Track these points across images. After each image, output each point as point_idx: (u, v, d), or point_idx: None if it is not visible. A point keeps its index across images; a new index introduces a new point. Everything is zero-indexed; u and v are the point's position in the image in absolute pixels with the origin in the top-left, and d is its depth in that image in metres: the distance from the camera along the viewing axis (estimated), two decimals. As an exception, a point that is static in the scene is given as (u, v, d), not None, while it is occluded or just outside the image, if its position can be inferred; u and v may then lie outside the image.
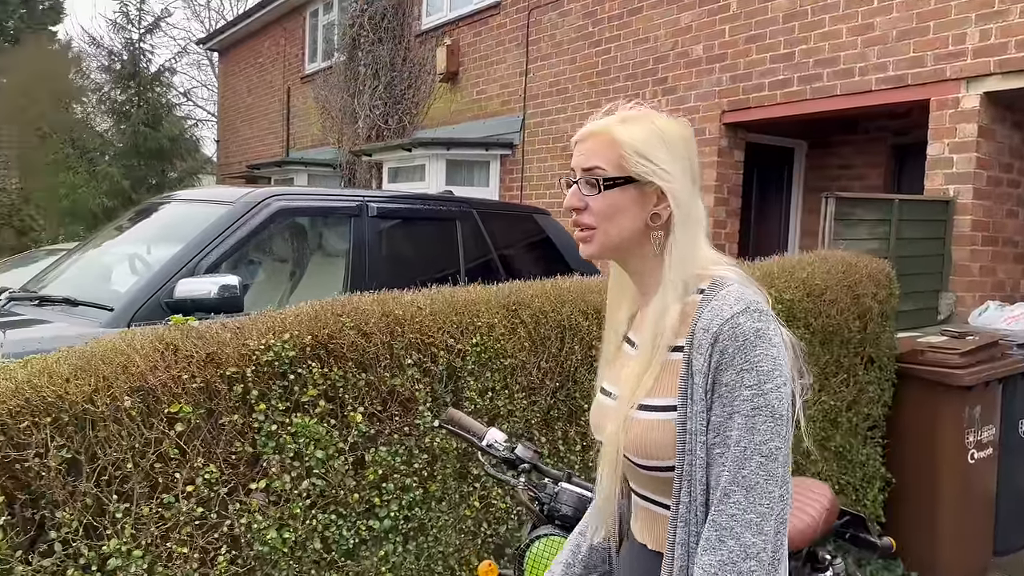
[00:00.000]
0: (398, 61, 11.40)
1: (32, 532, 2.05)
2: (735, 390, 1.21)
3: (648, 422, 1.29)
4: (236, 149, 18.00)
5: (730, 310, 1.23)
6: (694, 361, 1.24)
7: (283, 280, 4.76)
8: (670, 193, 1.32)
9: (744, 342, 1.21)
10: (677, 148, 1.35)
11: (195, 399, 2.24)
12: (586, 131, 1.39)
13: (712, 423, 1.23)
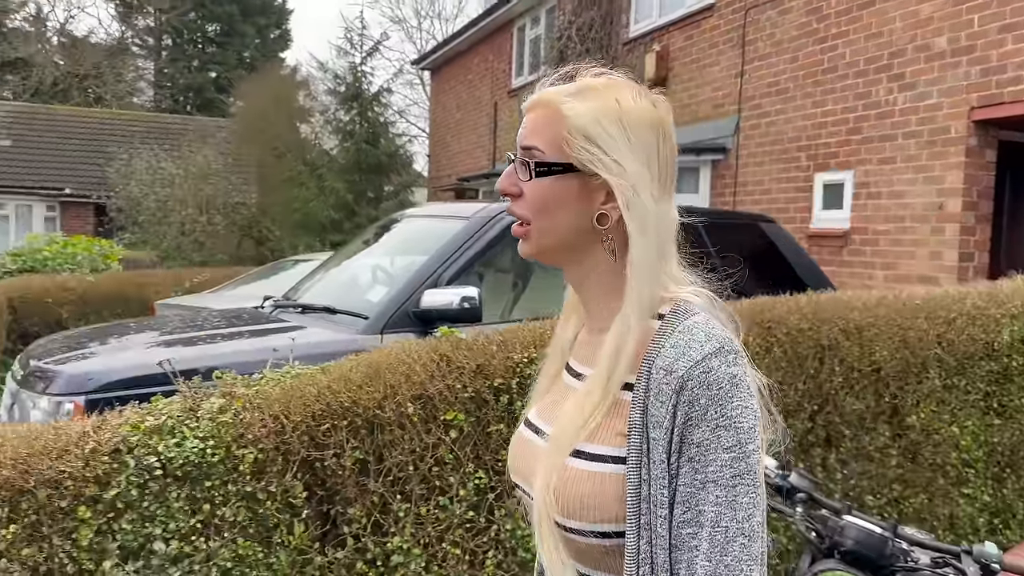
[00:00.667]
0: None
1: (326, 527, 2.24)
2: (710, 452, 0.96)
3: (581, 472, 1.02)
4: (446, 163, 18.91)
5: (700, 350, 0.98)
6: (651, 409, 0.98)
7: (505, 292, 4.91)
8: (617, 190, 1.05)
9: (719, 392, 0.97)
10: (639, 135, 1.06)
11: (466, 407, 2.35)
12: (533, 99, 1.11)
13: (680, 494, 0.97)
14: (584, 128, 1.05)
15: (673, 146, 1.10)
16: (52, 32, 32.40)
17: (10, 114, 22.60)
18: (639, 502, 0.97)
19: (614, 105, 1.06)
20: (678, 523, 0.96)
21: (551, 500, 1.02)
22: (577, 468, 1.03)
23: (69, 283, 8.95)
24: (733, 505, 0.94)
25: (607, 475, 1.01)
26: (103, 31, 34.04)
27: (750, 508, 0.95)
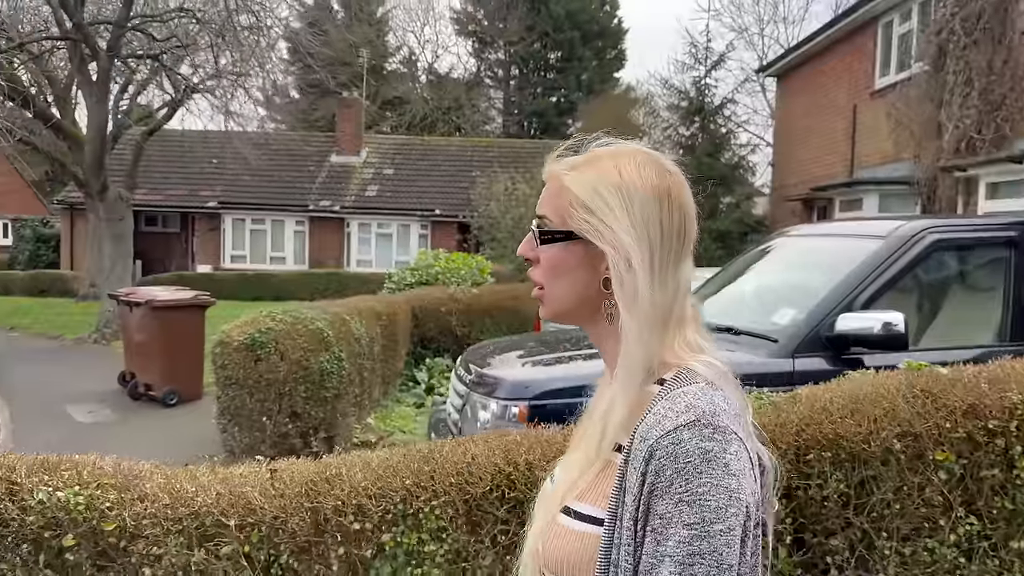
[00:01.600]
0: (997, 63, 10.14)
1: (807, 554, 2.26)
2: (670, 526, 0.93)
3: (568, 530, 1.04)
4: (790, 171, 18.13)
5: (673, 420, 0.96)
6: (628, 474, 0.98)
7: (926, 316, 4.55)
8: (610, 260, 1.05)
9: (686, 465, 0.93)
10: (639, 205, 1.05)
11: (956, 448, 2.23)
12: (545, 171, 1.15)
13: (642, 564, 0.94)
14: (582, 198, 1.07)
15: (685, 215, 1.08)
16: (421, 71, 37.03)
17: (393, 146, 26.27)
18: (608, 566, 0.97)
19: (614, 176, 1.07)
20: None
21: (539, 551, 1.05)
22: (564, 526, 1.04)
23: (457, 295, 10.12)
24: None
25: (589, 535, 1.01)
26: (462, 67, 38.03)
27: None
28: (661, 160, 1.12)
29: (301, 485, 2.28)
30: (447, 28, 42.73)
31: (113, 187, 12.76)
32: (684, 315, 1.09)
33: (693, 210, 1.12)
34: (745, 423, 1.03)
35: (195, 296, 8.81)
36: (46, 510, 2.26)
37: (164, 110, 15.30)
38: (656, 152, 1.13)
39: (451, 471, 2.30)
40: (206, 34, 12.62)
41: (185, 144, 21.84)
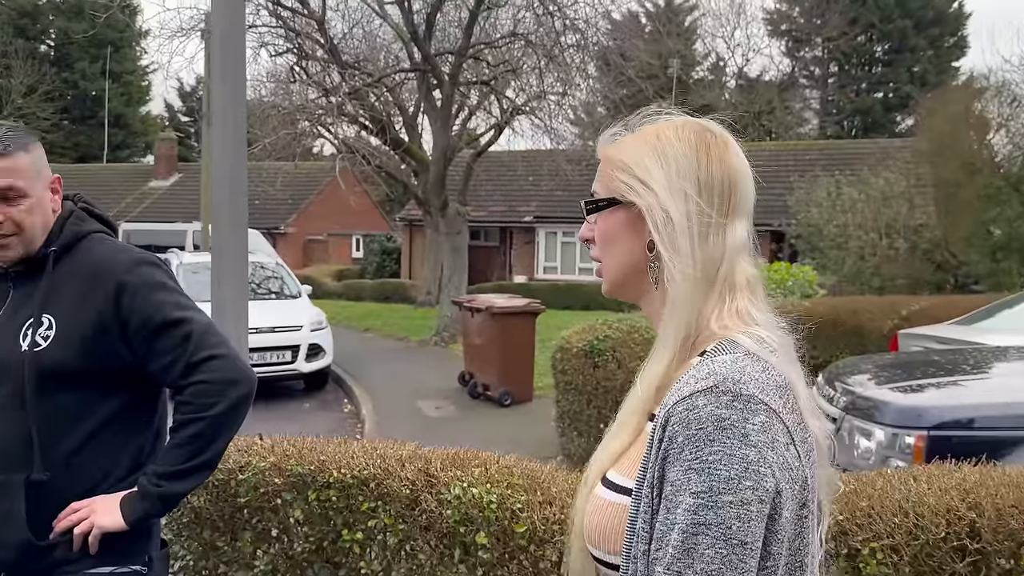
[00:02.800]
0: None
1: None
2: (679, 494, 0.89)
3: (605, 503, 1.02)
4: None
5: (691, 387, 0.93)
6: (654, 442, 0.95)
7: None
8: (647, 212, 1.03)
9: (698, 432, 0.90)
10: (674, 159, 1.03)
11: None
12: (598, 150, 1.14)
13: (656, 531, 0.91)
14: (621, 161, 1.07)
15: (729, 171, 1.05)
16: (731, 76, 35.99)
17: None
18: (632, 533, 0.95)
19: (652, 138, 1.06)
20: (651, 560, 0.91)
21: (582, 519, 1.04)
22: (603, 498, 1.03)
23: (785, 308, 9.45)
24: (691, 554, 0.87)
25: (622, 506, 0.99)
26: (774, 68, 36.29)
27: (715, 562, 0.86)
28: (705, 123, 1.09)
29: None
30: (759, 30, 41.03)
31: (452, 204, 13.94)
32: (735, 281, 1.03)
33: (741, 169, 1.07)
34: (791, 398, 0.96)
35: (528, 303, 9.22)
36: (461, 505, 2.33)
37: (491, 132, 16.43)
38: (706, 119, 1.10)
39: (892, 509, 1.97)
40: (534, 55, 13.28)
41: (505, 163, 23.35)
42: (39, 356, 1.61)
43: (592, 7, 13.30)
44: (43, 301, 1.65)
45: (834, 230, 17.15)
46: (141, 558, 1.71)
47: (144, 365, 1.70)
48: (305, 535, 2.49)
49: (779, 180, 22.51)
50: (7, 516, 1.61)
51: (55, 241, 1.70)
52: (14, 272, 1.69)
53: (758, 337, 1.00)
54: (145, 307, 1.68)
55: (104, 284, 1.68)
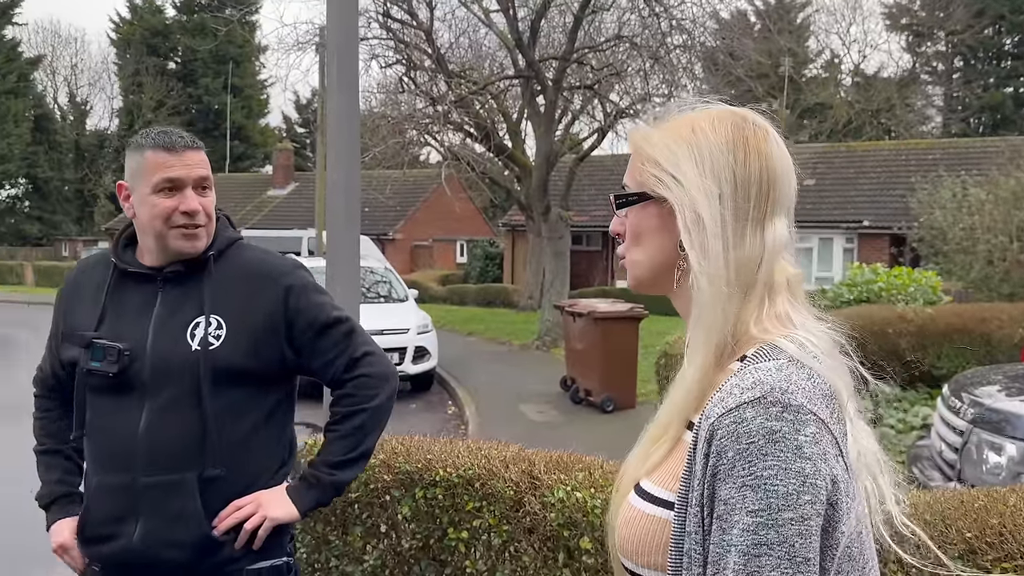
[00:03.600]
0: None
1: None
2: (734, 513, 0.84)
3: (640, 513, 0.96)
4: None
5: (737, 398, 0.87)
6: (696, 456, 0.89)
7: None
8: (677, 209, 0.97)
9: (749, 446, 0.84)
10: (708, 153, 0.97)
11: None
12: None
13: (711, 554, 0.86)
14: (652, 154, 1.01)
15: (768, 166, 0.98)
16: (846, 74, 34.55)
17: (813, 155, 24.81)
18: (680, 555, 0.89)
19: (686, 131, 1.00)
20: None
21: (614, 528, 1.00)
22: (636, 508, 0.98)
23: (907, 315, 9.00)
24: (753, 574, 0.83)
25: (660, 519, 0.94)
26: (893, 65, 34.61)
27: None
28: (745, 114, 1.03)
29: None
30: (876, 25, 39.29)
31: (554, 209, 13.97)
32: (774, 281, 0.97)
33: (782, 162, 1.00)
34: (838, 407, 0.92)
35: (631, 308, 9.12)
36: (565, 509, 2.32)
37: (593, 136, 16.37)
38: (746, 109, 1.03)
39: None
40: (639, 57, 13.16)
41: (607, 167, 23.20)
42: (213, 355, 1.65)
43: (700, 7, 13.08)
44: (211, 302, 1.69)
45: (960, 233, 16.15)
46: (288, 549, 1.77)
47: (305, 363, 1.77)
48: (412, 532, 2.55)
49: (899, 181, 21.46)
50: (180, 515, 1.62)
51: (212, 245, 1.75)
52: (170, 272, 1.71)
53: (800, 342, 0.94)
54: (310, 308, 1.75)
55: (272, 286, 1.74)
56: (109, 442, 1.67)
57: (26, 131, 36.79)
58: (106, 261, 1.79)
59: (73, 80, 44.55)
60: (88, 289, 1.77)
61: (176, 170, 1.66)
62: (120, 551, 1.65)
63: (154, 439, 1.63)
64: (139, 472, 1.63)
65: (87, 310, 1.73)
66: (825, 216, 22.14)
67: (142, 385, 1.66)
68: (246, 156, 43.57)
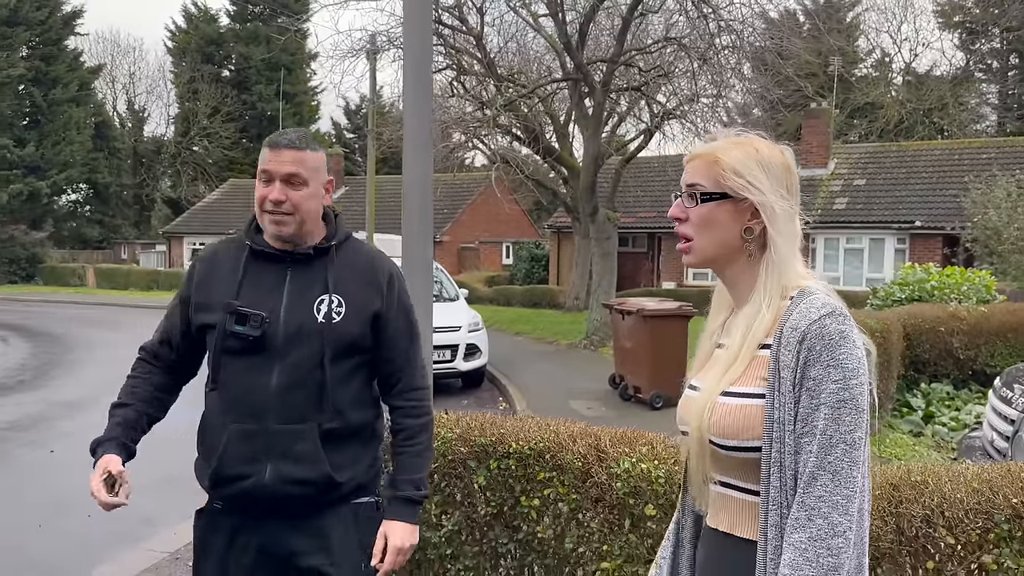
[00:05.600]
0: None
1: None
2: (822, 384, 1.30)
3: (731, 406, 1.38)
4: None
5: (817, 312, 1.33)
6: (782, 356, 1.34)
7: None
8: (761, 207, 1.42)
9: (830, 341, 1.31)
10: (773, 170, 1.44)
11: None
12: (694, 153, 1.50)
13: (799, 414, 1.32)
14: (733, 165, 1.44)
15: (796, 180, 1.49)
16: (897, 73, 33.95)
17: (864, 155, 24.48)
18: (772, 423, 1.34)
19: (753, 151, 1.46)
20: (798, 435, 1.32)
21: (706, 426, 1.40)
22: (729, 403, 1.39)
23: (960, 313, 8.94)
24: (837, 421, 1.29)
25: (752, 407, 1.37)
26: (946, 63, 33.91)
27: (851, 424, 1.29)
28: (777, 143, 1.48)
29: (881, 488, 2.17)
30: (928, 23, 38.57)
31: (601, 210, 14.11)
32: (798, 252, 1.45)
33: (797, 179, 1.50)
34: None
35: (679, 306, 9.23)
36: (631, 479, 2.50)
37: (640, 138, 16.46)
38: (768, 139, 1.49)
39: (1071, 495, 1.97)
40: (686, 58, 13.23)
41: (653, 168, 23.21)
42: (335, 327, 1.95)
43: (748, 7, 13.11)
44: (333, 283, 1.98)
45: (1015, 233, 15.85)
46: (377, 490, 2.11)
47: (374, 349, 2.03)
48: (487, 500, 2.75)
49: (952, 181, 21.10)
50: (304, 457, 1.91)
51: (335, 236, 2.04)
52: (301, 254, 1.99)
53: (822, 285, 1.43)
54: (401, 302, 2.08)
55: (380, 275, 2.05)
56: (244, 395, 1.93)
57: (87, 138, 38.05)
58: (238, 243, 2.06)
59: (131, 88, 45.96)
60: (224, 265, 2.03)
61: (270, 164, 1.96)
62: (252, 488, 1.91)
63: (285, 394, 1.91)
64: (271, 420, 1.91)
65: (225, 282, 1.99)
66: (876, 216, 21.84)
67: (275, 348, 1.93)
68: (297, 161, 44.30)
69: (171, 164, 43.14)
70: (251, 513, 1.95)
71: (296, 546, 1.95)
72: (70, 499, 5.54)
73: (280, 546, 1.95)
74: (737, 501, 1.42)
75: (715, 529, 1.46)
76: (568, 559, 2.63)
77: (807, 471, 1.29)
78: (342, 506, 1.97)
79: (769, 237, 1.42)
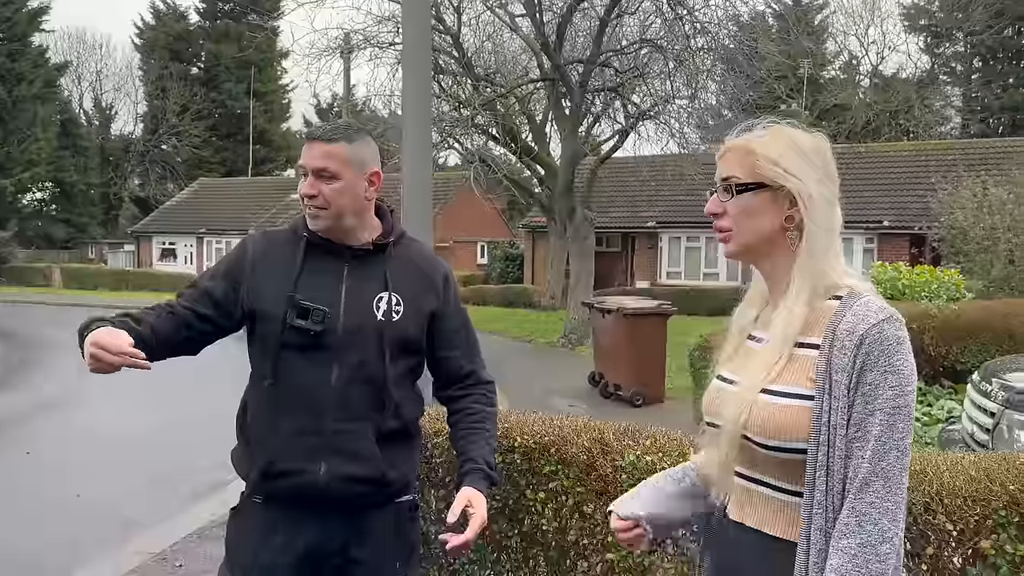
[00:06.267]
0: None
1: None
2: (878, 389, 1.29)
3: (776, 405, 1.35)
4: None
5: (876, 317, 1.31)
6: (835, 359, 1.32)
7: None
8: (800, 195, 1.38)
9: (888, 347, 1.29)
10: (810, 156, 1.40)
11: None
12: (727, 145, 1.46)
13: (852, 418, 1.30)
14: (768, 154, 1.40)
15: (834, 165, 1.43)
16: (864, 75, 34.55)
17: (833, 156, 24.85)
18: (821, 426, 1.32)
19: (787, 138, 1.42)
20: (850, 439, 1.30)
21: (743, 422, 1.37)
22: (772, 402, 1.36)
23: (931, 310, 9.14)
24: (892, 427, 1.28)
25: (797, 408, 1.34)
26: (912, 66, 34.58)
27: (904, 431, 1.29)
28: (811, 130, 1.46)
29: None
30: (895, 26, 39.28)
31: (579, 210, 14.20)
32: (839, 248, 1.41)
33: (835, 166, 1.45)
34: None
35: (659, 305, 9.33)
36: (636, 471, 2.55)
37: (614, 138, 16.58)
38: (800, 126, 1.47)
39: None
40: (661, 59, 13.36)
41: (627, 168, 23.37)
42: (394, 326, 1.92)
43: (722, 9, 13.27)
44: (392, 281, 1.94)
45: (981, 232, 16.21)
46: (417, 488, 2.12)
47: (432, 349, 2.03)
48: (493, 494, 2.78)
49: (919, 181, 21.51)
50: (359, 455, 1.88)
51: (392, 233, 2.00)
52: (361, 250, 1.95)
53: (868, 284, 1.41)
54: (456, 301, 2.07)
55: (437, 274, 2.03)
56: (303, 391, 1.89)
57: (52, 136, 37.36)
58: (291, 234, 2.00)
59: (98, 85, 45.24)
60: (279, 254, 1.97)
61: (304, 158, 1.93)
62: (305, 484, 1.87)
63: (344, 391, 1.88)
64: (329, 418, 1.88)
65: (281, 272, 1.93)
66: (845, 217, 21.96)
67: (334, 344, 1.89)
68: (268, 160, 44.06)
69: (139, 163, 42.52)
70: (296, 510, 1.90)
71: (336, 545, 1.91)
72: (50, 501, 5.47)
73: (319, 546, 1.91)
74: (767, 499, 1.40)
75: (740, 523, 1.44)
76: (571, 551, 2.67)
77: (859, 476, 1.28)
78: (387, 504, 1.96)
79: (805, 227, 1.38)
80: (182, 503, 5.54)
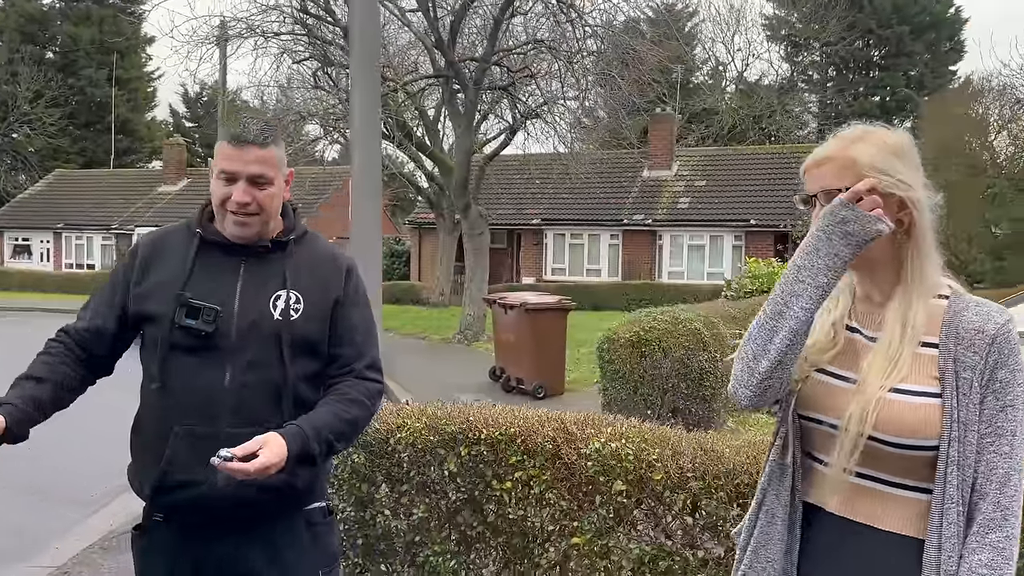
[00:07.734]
0: None
1: None
2: (1010, 386, 1.35)
3: (908, 404, 1.38)
4: None
5: (1001, 317, 1.38)
6: (962, 357, 1.37)
7: None
8: (911, 201, 1.42)
9: (1015, 345, 1.35)
10: (910, 158, 1.45)
11: None
12: (821, 157, 1.48)
13: (984, 415, 1.36)
14: (874, 164, 1.41)
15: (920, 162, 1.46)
16: (730, 81, 36.44)
17: (704, 158, 26.17)
18: (952, 423, 1.34)
19: (884, 143, 1.43)
20: (982, 435, 1.34)
21: (871, 421, 1.37)
22: (901, 401, 1.37)
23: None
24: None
25: (928, 406, 1.36)
26: (773, 73, 36.79)
27: None
28: (895, 128, 1.50)
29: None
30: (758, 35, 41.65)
31: (474, 206, 14.30)
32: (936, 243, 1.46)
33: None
34: None
35: (559, 300, 9.58)
36: (601, 458, 2.68)
37: (502, 136, 16.79)
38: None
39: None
40: (551, 60, 13.65)
41: (513, 166, 23.69)
42: (292, 324, 1.82)
43: (603, 13, 13.70)
44: (292, 279, 1.85)
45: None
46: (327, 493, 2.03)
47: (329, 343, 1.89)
48: (458, 486, 2.84)
49: (782, 182, 22.93)
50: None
51: (295, 230, 1.91)
52: (260, 248, 1.86)
53: (956, 282, 1.48)
54: (358, 296, 1.96)
55: (339, 269, 1.94)
56: (194, 395, 1.78)
57: None
58: (185, 230, 1.92)
59: (-65, 67, 41.22)
60: (170, 253, 1.89)
61: (233, 163, 1.82)
62: (201, 495, 1.75)
63: (239, 394, 1.78)
64: (224, 423, 1.76)
65: (171, 272, 1.85)
66: (715, 215, 23.37)
67: (227, 345, 1.79)
68: (132, 151, 41.57)
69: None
70: (197, 525, 1.79)
71: (249, 562, 1.80)
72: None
73: (231, 563, 1.80)
74: (882, 495, 1.41)
75: (847, 519, 1.44)
76: (537, 537, 2.77)
77: (999, 471, 1.33)
78: (295, 513, 1.86)
79: (918, 229, 1.42)
80: (72, 514, 5.25)
